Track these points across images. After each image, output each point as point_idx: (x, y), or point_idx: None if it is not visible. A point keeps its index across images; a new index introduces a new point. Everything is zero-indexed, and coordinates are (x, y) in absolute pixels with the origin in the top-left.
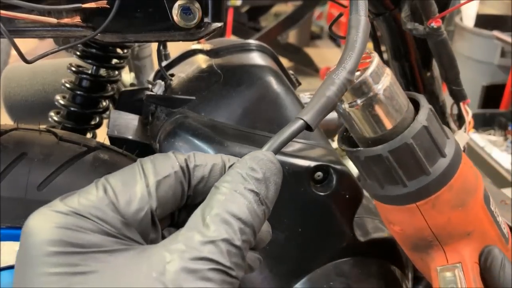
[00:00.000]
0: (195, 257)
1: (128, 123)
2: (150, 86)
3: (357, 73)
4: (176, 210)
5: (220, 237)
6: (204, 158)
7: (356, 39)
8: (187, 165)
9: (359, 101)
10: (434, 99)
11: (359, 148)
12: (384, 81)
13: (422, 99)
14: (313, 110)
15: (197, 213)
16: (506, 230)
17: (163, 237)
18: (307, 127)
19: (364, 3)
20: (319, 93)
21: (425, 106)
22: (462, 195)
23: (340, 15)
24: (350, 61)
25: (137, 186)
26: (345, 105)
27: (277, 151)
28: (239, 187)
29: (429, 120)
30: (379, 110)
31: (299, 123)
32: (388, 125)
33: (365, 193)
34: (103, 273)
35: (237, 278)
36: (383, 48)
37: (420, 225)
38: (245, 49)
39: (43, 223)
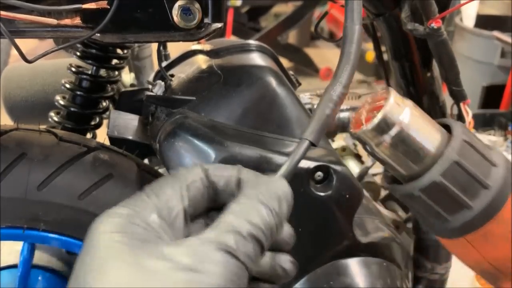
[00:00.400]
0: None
1: (128, 123)
2: (150, 86)
3: (376, 112)
4: (206, 211)
5: (233, 231)
6: (221, 169)
7: (350, 50)
8: (208, 174)
9: (382, 139)
10: (434, 100)
11: (393, 185)
12: (404, 116)
13: (456, 127)
14: (316, 129)
15: (219, 219)
16: None
17: None
18: (312, 145)
19: (359, 11)
20: (320, 111)
21: (458, 137)
22: None
23: (326, 14)
24: (345, 75)
25: (169, 189)
26: (372, 146)
27: (292, 173)
28: (254, 201)
29: (462, 153)
30: (403, 146)
31: (306, 143)
32: (418, 160)
33: (365, 193)
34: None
35: (245, 264)
36: (383, 48)
37: (476, 258)
38: (245, 49)
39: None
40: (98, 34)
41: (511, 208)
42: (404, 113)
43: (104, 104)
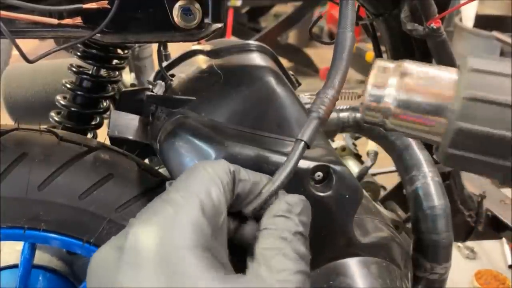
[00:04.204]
0: None
1: (128, 123)
2: (150, 86)
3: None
4: None
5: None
6: (246, 174)
7: (342, 56)
8: (234, 176)
9: (386, 111)
10: None
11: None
12: (395, 75)
13: (460, 79)
14: (310, 131)
15: (260, 256)
16: None
17: None
18: (307, 147)
19: (352, 18)
20: (312, 114)
21: (458, 97)
22: None
23: (320, 17)
24: (337, 80)
25: (213, 193)
26: (387, 122)
27: (292, 173)
28: (293, 230)
29: (466, 114)
30: (412, 107)
31: (302, 144)
32: (433, 127)
33: (365, 193)
34: None
35: None
36: (382, 48)
37: None
38: (245, 49)
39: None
40: (99, 34)
41: None
42: (394, 72)
43: (104, 104)
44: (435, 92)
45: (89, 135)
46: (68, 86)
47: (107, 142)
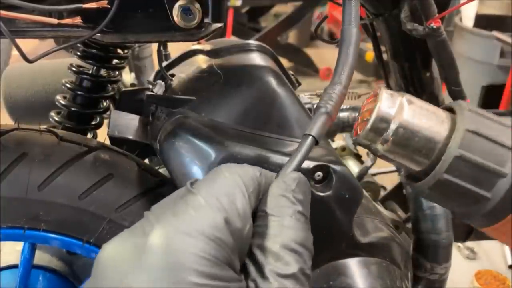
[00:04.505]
0: None
1: (128, 123)
2: (150, 86)
3: (369, 113)
4: None
5: (296, 269)
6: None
7: (348, 52)
8: (260, 182)
9: (383, 139)
10: (433, 99)
11: (406, 182)
12: (399, 110)
13: (460, 115)
14: (318, 126)
15: (263, 245)
16: None
17: None
18: (316, 142)
19: (356, 14)
20: (320, 110)
21: (460, 129)
22: None
23: (325, 18)
24: (344, 76)
25: (238, 201)
26: (378, 146)
27: (299, 167)
28: (290, 212)
29: (466, 144)
30: (406, 142)
31: (310, 139)
32: (425, 155)
33: (365, 193)
34: None
35: None
36: (382, 48)
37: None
38: (245, 49)
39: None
40: (99, 34)
41: None
42: (399, 106)
43: (104, 104)
44: (435, 124)
45: (89, 135)
46: (68, 86)
47: (107, 142)
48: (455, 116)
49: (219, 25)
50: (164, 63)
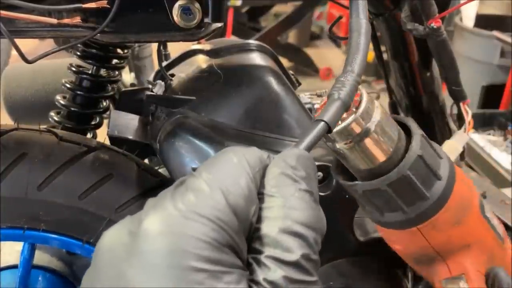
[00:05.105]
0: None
1: (128, 123)
2: (150, 86)
3: (347, 115)
4: None
5: (298, 255)
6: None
7: (359, 41)
8: (266, 165)
9: (352, 139)
10: (434, 99)
11: (356, 182)
12: (375, 116)
13: (413, 125)
14: (331, 112)
15: (267, 230)
16: (501, 229)
17: None
18: (328, 129)
19: (364, 6)
20: (332, 96)
21: (417, 133)
22: (460, 212)
23: (340, 17)
24: (357, 64)
25: (242, 181)
26: (340, 145)
27: (308, 150)
28: (291, 191)
29: (422, 148)
30: (372, 145)
31: (322, 124)
32: (382, 157)
33: None
34: None
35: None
36: (383, 48)
37: (422, 244)
38: (245, 49)
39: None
40: (99, 34)
41: (455, 196)
42: (375, 113)
43: (104, 103)
44: (395, 128)
45: (89, 135)
46: (68, 86)
47: (107, 142)
48: (400, 124)
49: (219, 25)
50: (164, 63)
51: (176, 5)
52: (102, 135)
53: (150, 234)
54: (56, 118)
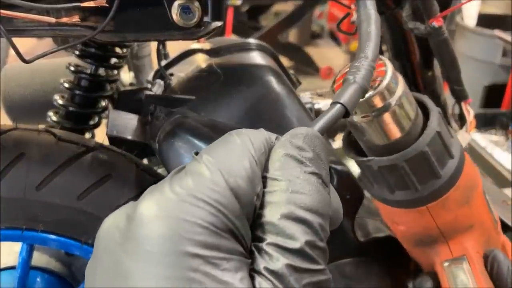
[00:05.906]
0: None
1: (127, 123)
2: (149, 85)
3: (374, 86)
4: None
5: (302, 242)
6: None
7: (369, 30)
8: (271, 147)
9: (372, 113)
10: (435, 99)
11: (372, 157)
12: (398, 90)
13: (429, 102)
14: (348, 94)
15: (268, 216)
16: (495, 214)
17: None
18: (346, 112)
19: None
20: (348, 80)
21: (435, 110)
22: (468, 192)
23: (348, 14)
24: (370, 50)
25: (246, 162)
26: (358, 117)
27: (322, 132)
28: (296, 173)
29: (440, 124)
30: (392, 119)
31: (337, 106)
32: (399, 132)
33: (366, 193)
34: None
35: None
36: (384, 47)
37: (428, 225)
38: (245, 48)
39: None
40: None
41: (465, 175)
42: (398, 87)
43: (103, 103)
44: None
45: (87, 135)
46: (66, 85)
47: (106, 142)
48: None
49: (218, 23)
50: (163, 62)
51: (176, 4)
52: (101, 135)
53: (145, 218)
54: (54, 118)
